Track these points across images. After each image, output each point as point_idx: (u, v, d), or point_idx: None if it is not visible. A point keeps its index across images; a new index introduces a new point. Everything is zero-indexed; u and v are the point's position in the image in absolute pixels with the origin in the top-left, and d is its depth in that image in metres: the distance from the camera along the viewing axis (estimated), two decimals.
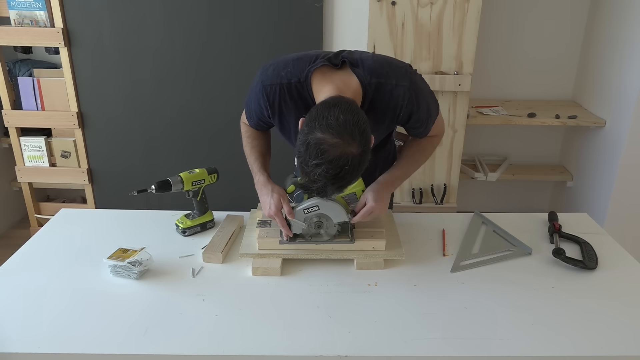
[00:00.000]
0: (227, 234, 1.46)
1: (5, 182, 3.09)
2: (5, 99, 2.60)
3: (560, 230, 1.49)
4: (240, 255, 1.35)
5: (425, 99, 1.32)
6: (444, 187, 2.75)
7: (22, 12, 2.43)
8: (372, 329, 1.13)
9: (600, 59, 2.77)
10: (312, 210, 1.31)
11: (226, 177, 1.74)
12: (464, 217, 1.62)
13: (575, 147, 3.03)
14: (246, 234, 1.43)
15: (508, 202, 3.31)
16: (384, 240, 1.34)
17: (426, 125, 1.37)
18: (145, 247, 1.37)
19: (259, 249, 1.35)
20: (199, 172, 1.51)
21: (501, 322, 1.15)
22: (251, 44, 2.52)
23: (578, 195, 2.97)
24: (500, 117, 2.72)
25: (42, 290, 1.25)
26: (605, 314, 1.18)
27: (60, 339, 1.09)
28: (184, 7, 2.45)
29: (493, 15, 2.83)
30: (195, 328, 1.13)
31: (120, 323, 1.14)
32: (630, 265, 1.38)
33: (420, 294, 1.25)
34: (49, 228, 1.56)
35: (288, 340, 1.09)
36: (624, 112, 2.53)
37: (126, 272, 1.28)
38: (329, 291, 1.25)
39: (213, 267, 1.36)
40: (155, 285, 1.27)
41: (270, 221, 1.40)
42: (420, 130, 1.38)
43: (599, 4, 2.78)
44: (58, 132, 2.76)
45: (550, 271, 1.34)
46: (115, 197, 2.75)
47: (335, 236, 1.35)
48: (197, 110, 2.64)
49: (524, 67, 2.97)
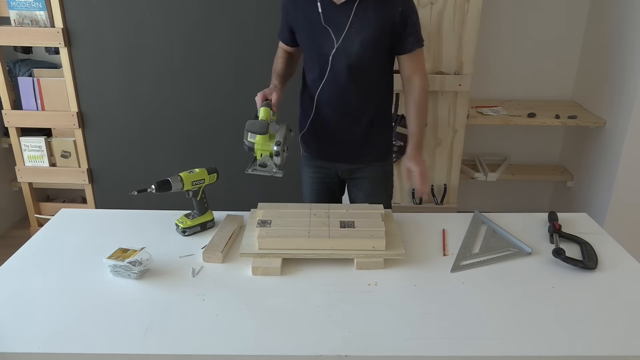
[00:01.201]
0: (227, 234, 1.46)
1: (5, 182, 3.09)
2: (5, 99, 2.60)
3: (560, 230, 1.49)
4: (240, 255, 1.35)
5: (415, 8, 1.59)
6: (444, 187, 2.75)
7: (22, 12, 2.43)
8: (372, 328, 1.13)
9: (600, 59, 2.77)
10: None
11: (226, 177, 1.74)
12: (464, 217, 1.62)
13: (575, 147, 3.03)
14: (246, 233, 1.43)
15: (508, 202, 3.31)
16: (384, 240, 1.34)
17: (418, 32, 1.60)
18: (145, 247, 1.37)
19: (259, 248, 1.35)
20: (199, 172, 1.51)
21: (501, 322, 1.15)
22: (251, 44, 2.52)
23: (578, 195, 2.97)
24: (500, 117, 2.72)
25: (42, 290, 1.25)
26: (605, 314, 1.18)
27: (60, 339, 1.09)
28: (184, 7, 2.45)
29: (493, 15, 2.83)
30: (195, 328, 1.13)
31: (120, 323, 1.14)
32: (630, 265, 1.38)
33: (420, 294, 1.25)
34: (49, 228, 1.56)
35: (288, 340, 1.09)
36: (624, 112, 2.53)
37: (126, 272, 1.29)
38: (329, 291, 1.25)
39: (213, 267, 1.36)
40: (155, 285, 1.27)
41: (271, 221, 1.40)
42: (414, 38, 1.59)
43: (599, 4, 2.78)
44: (58, 132, 2.76)
45: (550, 271, 1.34)
46: (115, 197, 2.75)
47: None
48: (197, 110, 2.64)
49: (524, 67, 2.97)
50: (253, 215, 1.53)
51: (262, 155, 1.50)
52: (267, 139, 1.49)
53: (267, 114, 1.49)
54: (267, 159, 1.49)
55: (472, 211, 1.65)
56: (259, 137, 1.49)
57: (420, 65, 1.65)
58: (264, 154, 1.50)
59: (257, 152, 1.51)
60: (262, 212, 1.47)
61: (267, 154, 1.50)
